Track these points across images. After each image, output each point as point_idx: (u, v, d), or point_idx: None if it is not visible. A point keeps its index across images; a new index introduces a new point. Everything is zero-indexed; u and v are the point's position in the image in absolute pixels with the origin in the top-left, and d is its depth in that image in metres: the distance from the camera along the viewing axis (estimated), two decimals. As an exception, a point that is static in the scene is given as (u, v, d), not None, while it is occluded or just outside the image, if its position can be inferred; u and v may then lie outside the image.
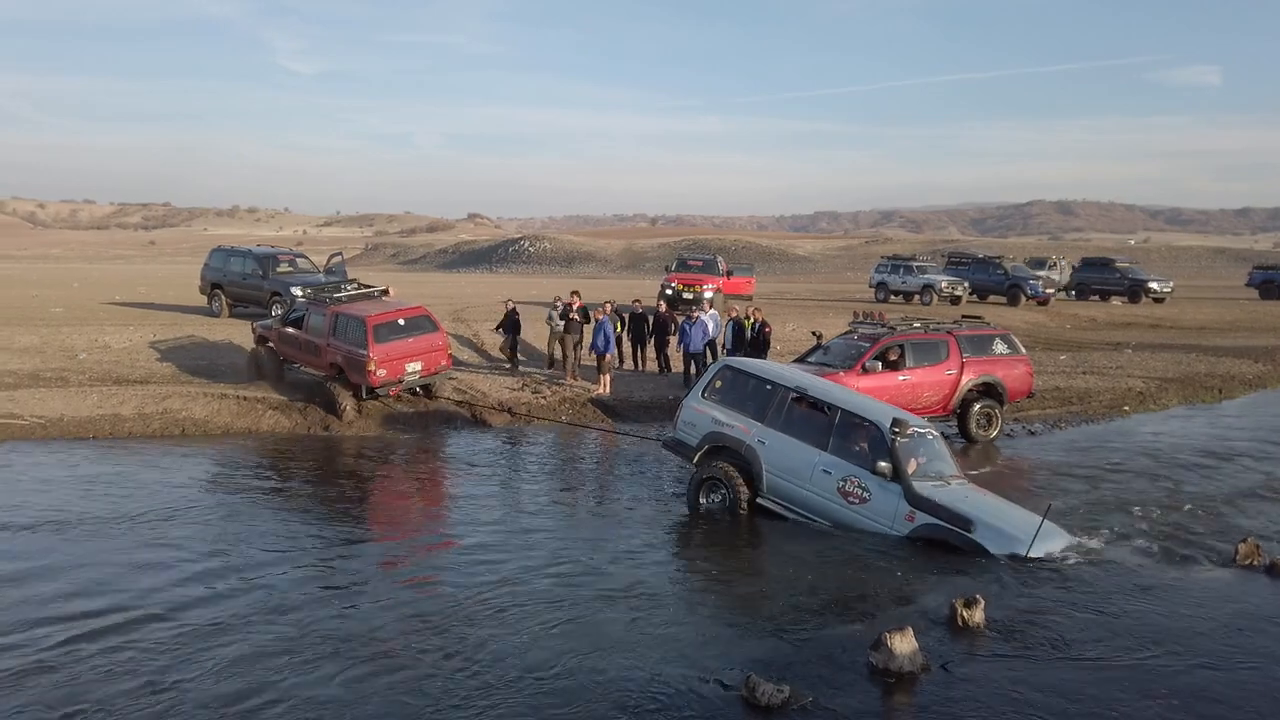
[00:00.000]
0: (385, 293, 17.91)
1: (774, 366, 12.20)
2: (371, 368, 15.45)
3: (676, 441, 11.53)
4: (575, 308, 18.83)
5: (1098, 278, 39.84)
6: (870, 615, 7.73)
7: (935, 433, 10.73)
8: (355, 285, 18.10)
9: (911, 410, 13.50)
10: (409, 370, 16.04)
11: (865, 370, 14.39)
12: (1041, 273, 38.23)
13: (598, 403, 17.53)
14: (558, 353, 19.19)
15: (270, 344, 17.55)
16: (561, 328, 18.83)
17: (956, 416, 15.34)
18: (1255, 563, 9.04)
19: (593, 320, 18.49)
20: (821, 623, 7.68)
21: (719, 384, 11.38)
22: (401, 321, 16.23)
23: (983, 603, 7.49)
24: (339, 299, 16.83)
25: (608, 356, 17.90)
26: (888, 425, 9.81)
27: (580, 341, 18.81)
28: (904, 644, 6.62)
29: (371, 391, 15.94)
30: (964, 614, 7.40)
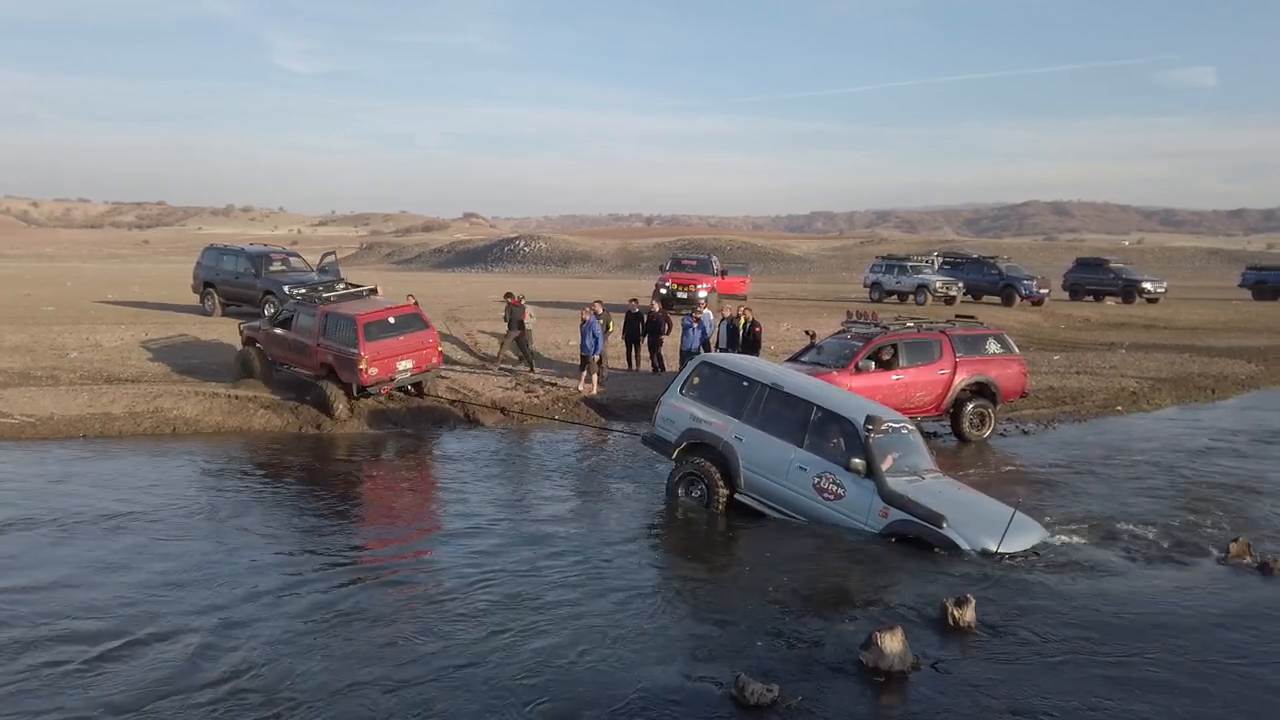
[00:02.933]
0: (374, 291, 17.91)
1: (751, 363, 12.16)
2: (363, 366, 15.36)
3: (655, 438, 11.53)
4: (513, 304, 19.61)
5: (1092, 278, 39.90)
6: (860, 614, 7.71)
7: (910, 427, 10.74)
8: (344, 285, 17.95)
9: (904, 410, 13.52)
10: (400, 368, 15.97)
11: (858, 370, 14.38)
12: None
13: (590, 402, 17.50)
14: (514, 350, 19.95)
15: (258, 345, 17.40)
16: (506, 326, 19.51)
17: (949, 416, 15.33)
18: (1247, 562, 9.05)
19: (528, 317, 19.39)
20: (812, 622, 7.66)
21: (697, 380, 11.37)
22: (392, 320, 16.18)
23: (973, 602, 7.48)
24: (328, 299, 16.78)
25: (595, 357, 17.88)
26: (862, 422, 9.84)
27: (519, 338, 19.59)
28: (894, 643, 6.60)
29: (363, 390, 15.91)
30: (955, 613, 7.39)
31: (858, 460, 9.66)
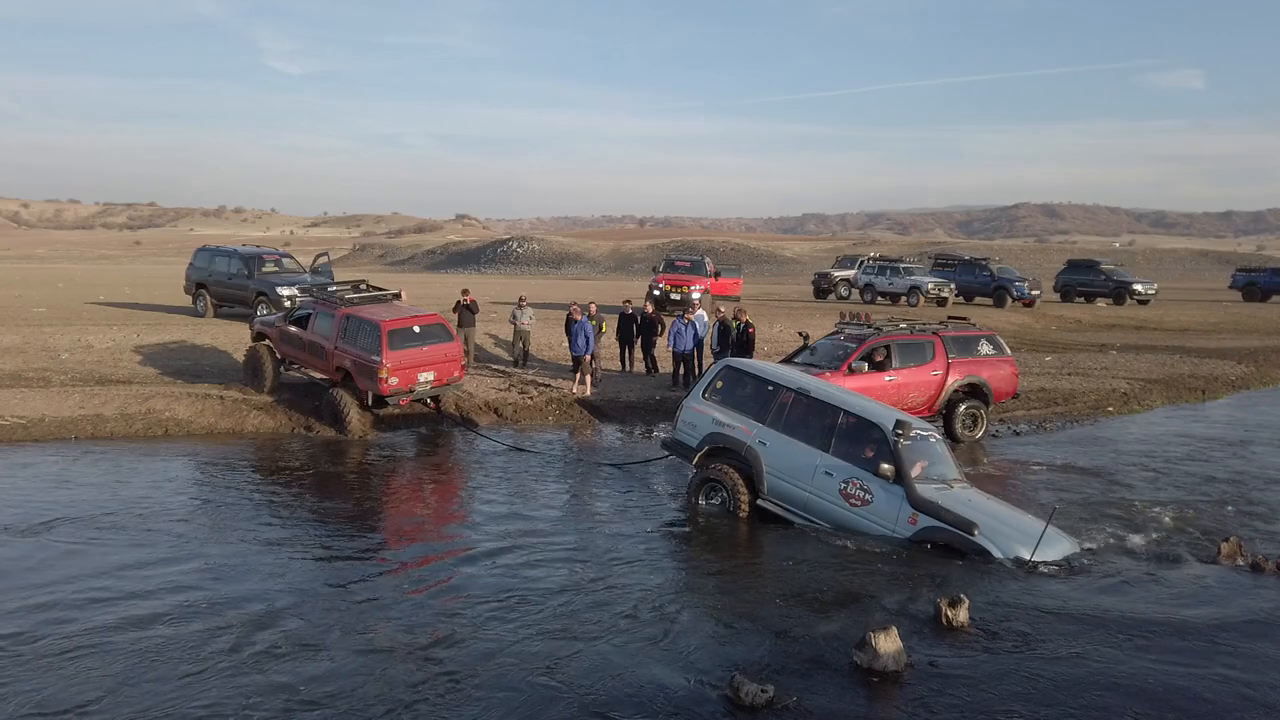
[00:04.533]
0: (398, 296, 17.10)
1: (775, 367, 12.11)
2: (384, 375, 14.68)
3: (676, 442, 11.44)
4: (467, 302, 19.78)
5: (1083, 280, 40.07)
6: (856, 615, 7.74)
7: (938, 436, 10.72)
8: (366, 287, 17.07)
9: (897, 410, 13.52)
10: (421, 380, 15.25)
11: (851, 371, 14.40)
12: (850, 272, 38.94)
13: (584, 404, 17.50)
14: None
15: (269, 342, 16.90)
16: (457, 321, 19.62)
17: (942, 417, 15.37)
18: (1238, 561, 9.11)
19: (525, 315, 19.81)
20: (808, 622, 7.68)
21: (720, 384, 11.30)
22: (417, 329, 15.38)
23: (967, 602, 7.51)
24: (351, 300, 16.03)
25: (587, 357, 17.89)
26: (891, 427, 9.78)
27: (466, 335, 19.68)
28: (888, 643, 6.63)
29: (380, 400, 15.26)
30: (948, 613, 7.42)
31: (886, 465, 9.58)
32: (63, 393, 16.08)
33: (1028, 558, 8.93)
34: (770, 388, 10.87)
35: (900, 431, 9.72)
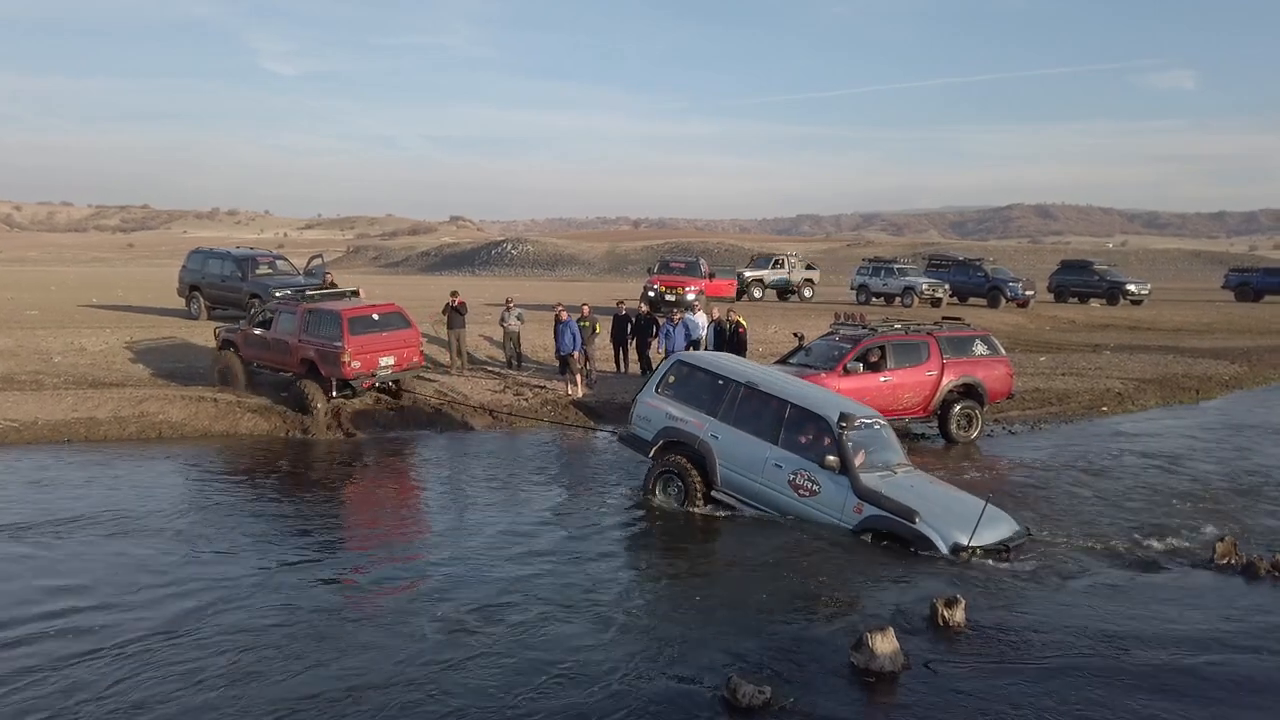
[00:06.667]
0: (355, 294, 18.05)
1: (726, 361, 12.14)
2: (346, 359, 15.47)
3: (632, 436, 11.56)
4: (455, 304, 19.70)
5: (1077, 280, 40.12)
6: (853, 615, 7.74)
7: (883, 422, 10.86)
8: (327, 286, 18.13)
9: (892, 411, 13.58)
10: (382, 364, 16.11)
11: (847, 371, 14.42)
12: (764, 271, 37.26)
13: (579, 405, 17.48)
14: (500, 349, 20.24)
15: (235, 348, 17.35)
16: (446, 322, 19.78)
17: (937, 417, 15.39)
18: (1232, 562, 9.11)
19: (513, 317, 19.91)
20: (803, 623, 7.67)
21: (672, 379, 11.41)
22: (375, 316, 16.38)
23: (964, 602, 7.51)
24: (310, 297, 17.03)
25: (574, 356, 17.90)
26: (835, 419, 9.92)
27: (461, 335, 19.81)
28: (885, 644, 6.62)
29: (344, 385, 15.95)
30: (945, 614, 7.41)
31: (832, 457, 9.75)
32: (56, 395, 16.02)
33: (965, 542, 9.02)
34: (720, 381, 10.99)
35: (844, 423, 9.86)
